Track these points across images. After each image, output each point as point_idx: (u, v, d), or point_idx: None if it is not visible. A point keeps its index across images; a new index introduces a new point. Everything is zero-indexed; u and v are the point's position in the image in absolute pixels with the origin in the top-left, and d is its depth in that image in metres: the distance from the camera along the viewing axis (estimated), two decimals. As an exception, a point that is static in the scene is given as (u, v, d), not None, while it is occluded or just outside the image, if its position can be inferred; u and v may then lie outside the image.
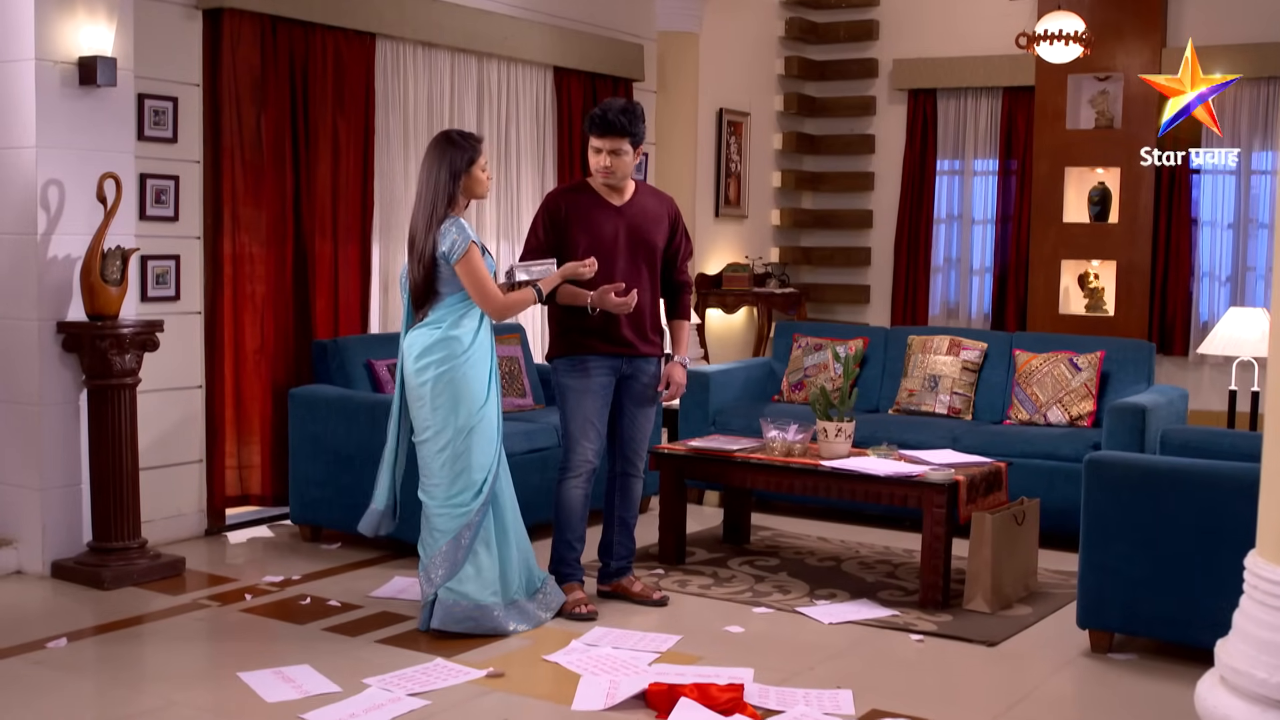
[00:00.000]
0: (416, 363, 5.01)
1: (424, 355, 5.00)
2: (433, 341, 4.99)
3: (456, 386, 4.98)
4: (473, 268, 4.97)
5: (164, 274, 6.29)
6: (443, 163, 5.02)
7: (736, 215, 10.46)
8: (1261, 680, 3.16)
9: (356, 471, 6.22)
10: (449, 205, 5.01)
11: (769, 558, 6.31)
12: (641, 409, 5.52)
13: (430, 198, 5.02)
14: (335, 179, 6.96)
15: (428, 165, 5.07)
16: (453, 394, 4.98)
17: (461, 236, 4.95)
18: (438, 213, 4.99)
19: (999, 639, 5.11)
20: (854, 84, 11.29)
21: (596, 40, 8.58)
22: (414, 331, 5.06)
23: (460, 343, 5.00)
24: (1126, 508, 4.76)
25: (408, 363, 5.05)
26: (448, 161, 5.02)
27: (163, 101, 6.25)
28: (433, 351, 4.99)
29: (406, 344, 5.08)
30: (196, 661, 4.92)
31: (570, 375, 5.38)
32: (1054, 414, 7.00)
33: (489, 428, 5.07)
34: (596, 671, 4.62)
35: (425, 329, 5.03)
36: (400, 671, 4.59)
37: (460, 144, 5.05)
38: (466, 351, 5.00)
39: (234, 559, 6.25)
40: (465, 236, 4.95)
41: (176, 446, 6.41)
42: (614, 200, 5.39)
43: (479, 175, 5.10)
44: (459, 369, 4.98)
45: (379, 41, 7.20)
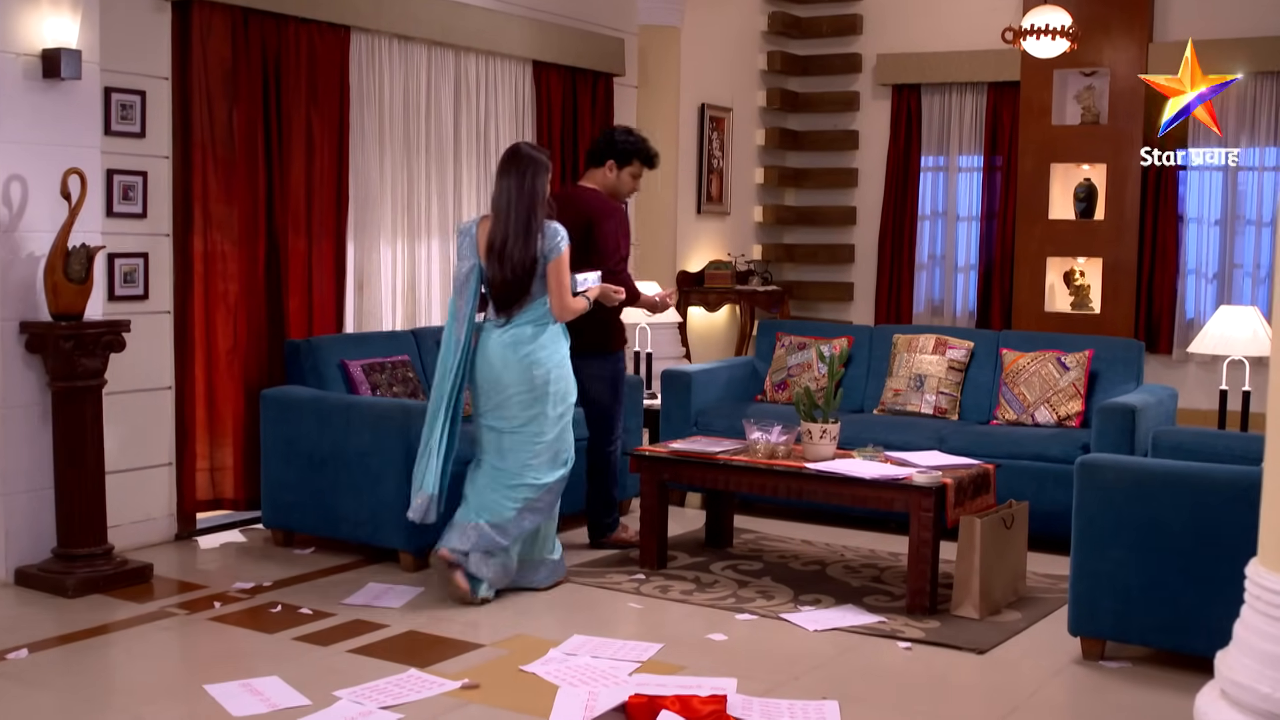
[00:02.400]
0: (525, 357, 5.45)
1: (535, 350, 5.46)
2: (541, 337, 5.48)
3: (567, 377, 5.56)
4: (561, 268, 5.47)
5: (132, 272, 6.13)
6: (533, 172, 5.48)
7: (719, 212, 10.35)
8: (1265, 695, 3.05)
9: (330, 475, 6.07)
10: (543, 211, 5.47)
11: (752, 561, 6.18)
12: None
13: (526, 204, 5.44)
14: (309, 175, 6.81)
15: (515, 176, 5.47)
16: (564, 384, 5.54)
17: (562, 238, 5.46)
18: (537, 218, 5.44)
19: (989, 646, 4.98)
20: (837, 79, 11.19)
21: (577, 34, 8.44)
22: (509, 329, 5.48)
23: (563, 338, 5.57)
24: (1120, 512, 4.64)
25: (505, 355, 5.45)
26: (536, 171, 5.48)
27: (130, 95, 6.09)
28: (544, 347, 5.48)
29: (499, 340, 5.48)
30: (162, 673, 4.76)
31: (623, 363, 6.24)
32: (1042, 414, 6.89)
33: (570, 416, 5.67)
34: (575, 682, 4.48)
35: (524, 326, 5.48)
36: (372, 683, 4.44)
37: (540, 156, 5.54)
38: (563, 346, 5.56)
39: (204, 565, 6.10)
40: (561, 239, 5.46)
41: (145, 449, 6.25)
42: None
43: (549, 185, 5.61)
44: (566, 362, 5.56)
45: (354, 34, 7.05)
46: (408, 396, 6.48)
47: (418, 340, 6.96)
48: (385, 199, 7.36)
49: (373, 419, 5.97)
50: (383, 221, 7.35)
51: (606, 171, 6.32)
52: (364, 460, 5.98)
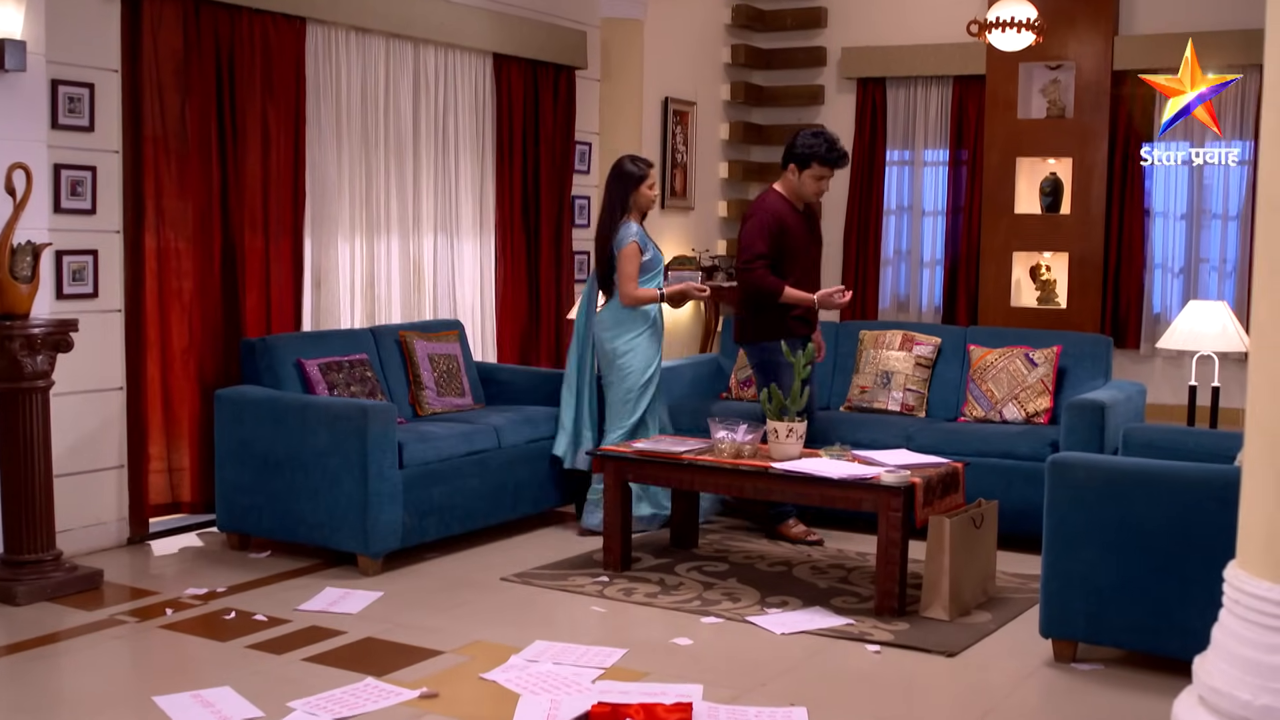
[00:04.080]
0: (600, 333, 6.65)
1: (605, 329, 6.63)
2: (613, 318, 6.61)
3: (630, 356, 6.58)
4: (624, 260, 6.55)
5: (81, 270, 5.97)
6: (617, 179, 6.62)
7: (683, 207, 10.24)
8: (1245, 702, 2.96)
9: (287, 476, 5.93)
10: (619, 213, 6.57)
11: (718, 563, 6.07)
12: None
13: (608, 206, 6.65)
14: (265, 170, 6.66)
15: (608, 182, 6.70)
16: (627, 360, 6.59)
17: (624, 234, 6.54)
18: (615, 217, 6.58)
19: (959, 649, 4.90)
20: (802, 73, 11.09)
21: (538, 26, 8.31)
22: (605, 309, 6.68)
23: (637, 321, 6.60)
24: (1091, 512, 4.56)
25: (604, 331, 6.64)
26: (620, 178, 6.60)
27: (78, 88, 5.93)
28: (610, 328, 6.61)
29: (599, 318, 6.69)
30: (111, 684, 4.61)
31: (779, 354, 6.36)
32: (1010, 411, 6.81)
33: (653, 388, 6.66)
34: (536, 690, 4.37)
35: (609, 308, 6.65)
36: (328, 693, 4.32)
37: (630, 169, 6.61)
38: (647, 325, 6.62)
39: (157, 570, 5.95)
40: (627, 235, 6.52)
41: (95, 452, 6.09)
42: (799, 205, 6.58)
43: (645, 192, 6.62)
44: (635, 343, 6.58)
45: (309, 26, 6.90)
46: (366, 396, 6.35)
47: (376, 338, 6.82)
48: (343, 194, 7.22)
49: (329, 419, 5.84)
50: (340, 217, 7.21)
51: (789, 175, 6.50)
52: (321, 461, 5.84)
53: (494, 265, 8.21)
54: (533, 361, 8.40)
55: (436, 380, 6.88)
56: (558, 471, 6.81)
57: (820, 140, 6.41)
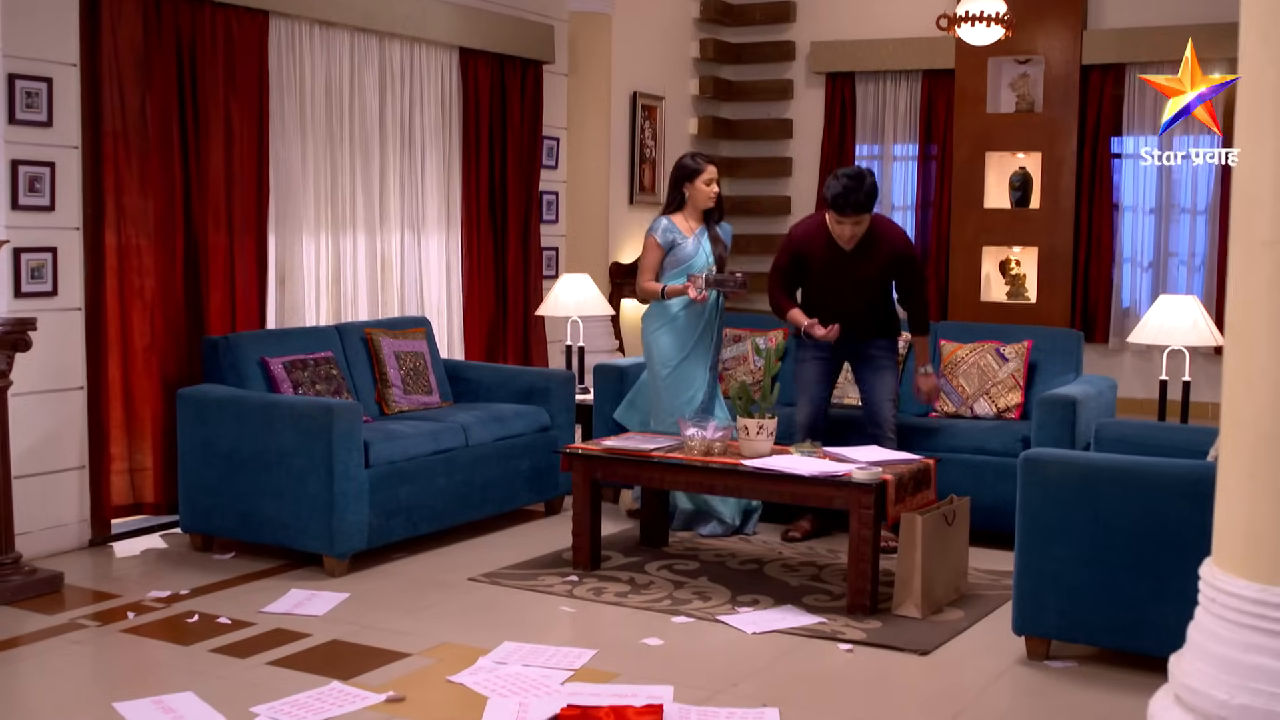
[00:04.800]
0: (643, 322, 6.64)
1: (645, 318, 6.63)
2: (652, 309, 6.59)
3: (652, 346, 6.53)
4: (642, 252, 6.62)
5: (39, 267, 5.87)
6: (673, 175, 6.61)
7: (652, 203, 10.18)
8: (1222, 702, 2.93)
9: (251, 477, 5.85)
10: (669, 208, 6.58)
11: (688, 561, 6.02)
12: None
13: (666, 201, 6.66)
14: (228, 166, 6.56)
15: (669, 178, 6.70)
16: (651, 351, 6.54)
17: (652, 226, 6.57)
18: (664, 211, 6.61)
19: (931, 647, 4.86)
20: (771, 67, 11.06)
21: (504, 20, 8.23)
22: None
23: (660, 313, 6.53)
24: (1065, 508, 4.52)
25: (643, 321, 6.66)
26: (677, 174, 6.58)
27: (36, 82, 5.82)
28: (649, 316, 6.60)
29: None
30: (70, 690, 4.51)
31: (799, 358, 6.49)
32: (981, 406, 6.78)
33: (678, 381, 6.47)
34: (505, 693, 4.30)
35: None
36: (292, 698, 4.24)
37: (686, 163, 6.60)
38: (666, 320, 6.49)
39: (119, 573, 5.85)
40: (653, 228, 6.55)
41: (55, 452, 5.99)
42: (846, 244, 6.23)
43: (701, 187, 6.50)
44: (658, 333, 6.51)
45: (273, 20, 6.81)
46: (331, 395, 6.26)
47: (342, 336, 6.74)
48: (308, 190, 7.13)
49: (294, 418, 5.75)
50: (305, 213, 7.12)
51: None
52: (286, 461, 5.76)
53: (461, 262, 8.13)
54: (500, 359, 8.33)
55: (403, 378, 6.81)
56: (527, 469, 6.73)
57: (836, 183, 6.04)
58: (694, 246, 6.50)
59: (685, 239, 6.50)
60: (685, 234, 6.51)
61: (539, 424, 6.87)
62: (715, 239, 6.59)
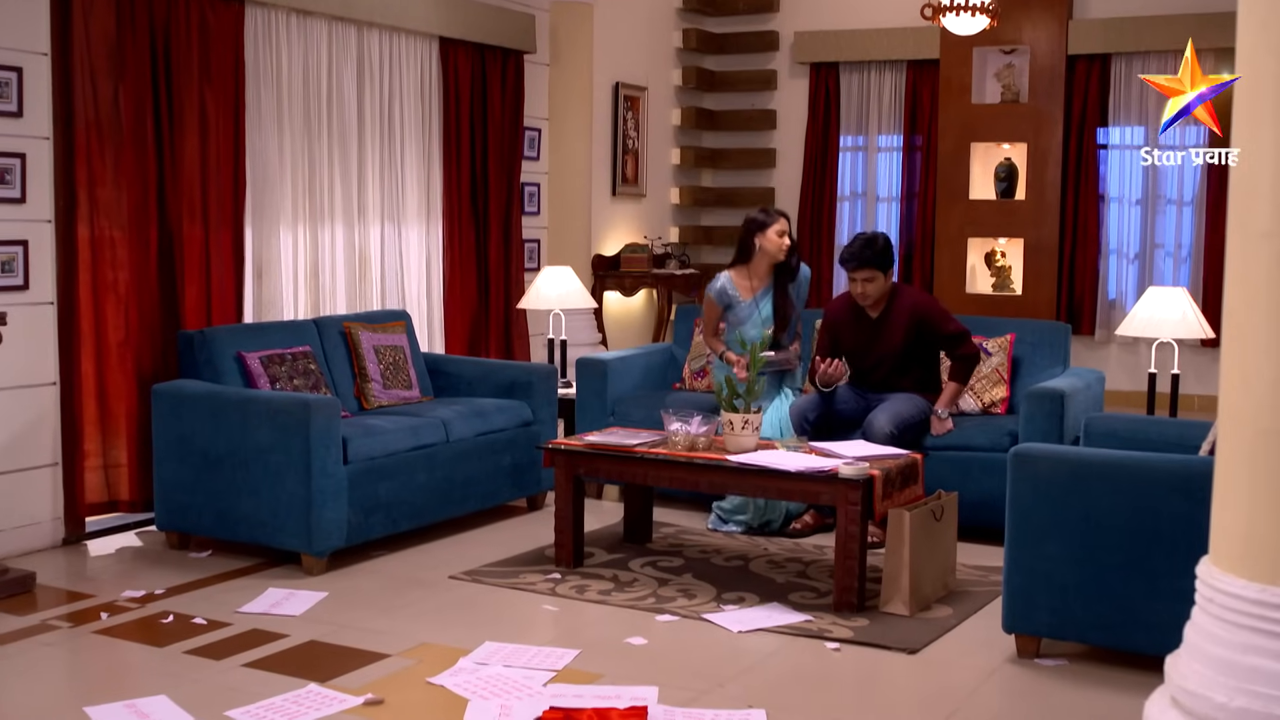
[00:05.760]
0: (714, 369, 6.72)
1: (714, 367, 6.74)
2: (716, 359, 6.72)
3: None
4: (703, 309, 6.77)
5: (9, 261, 5.75)
6: (743, 228, 6.61)
7: (634, 194, 10.09)
8: (1220, 704, 2.86)
9: (227, 474, 5.74)
10: (737, 260, 6.61)
11: (673, 558, 5.94)
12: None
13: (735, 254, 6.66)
14: (204, 157, 6.45)
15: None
16: None
17: (709, 284, 6.68)
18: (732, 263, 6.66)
19: (920, 645, 4.78)
20: (754, 57, 10.98)
21: (485, 9, 8.12)
22: None
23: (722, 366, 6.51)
24: (1055, 504, 4.44)
25: None
26: (746, 227, 6.57)
27: (5, 72, 5.70)
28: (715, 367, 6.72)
29: None
30: (41, 694, 4.41)
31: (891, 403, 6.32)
32: (966, 401, 6.70)
33: None
34: (486, 695, 4.22)
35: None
36: (268, 701, 4.15)
37: (758, 217, 6.57)
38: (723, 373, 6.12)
39: (92, 572, 5.74)
40: (709, 287, 6.67)
41: (26, 450, 5.88)
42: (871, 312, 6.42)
43: (772, 237, 6.49)
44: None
45: (248, 8, 6.69)
46: (309, 390, 6.16)
47: (320, 330, 6.63)
48: (285, 182, 7.02)
49: (271, 414, 5.65)
50: (283, 206, 7.01)
51: None
52: (263, 458, 5.66)
53: (442, 254, 8.04)
54: (482, 353, 8.24)
55: (383, 372, 6.71)
56: (509, 465, 6.64)
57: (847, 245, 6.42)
58: (748, 311, 6.55)
59: (741, 302, 6.55)
60: (743, 295, 6.55)
61: (521, 419, 6.78)
62: (783, 296, 6.60)
